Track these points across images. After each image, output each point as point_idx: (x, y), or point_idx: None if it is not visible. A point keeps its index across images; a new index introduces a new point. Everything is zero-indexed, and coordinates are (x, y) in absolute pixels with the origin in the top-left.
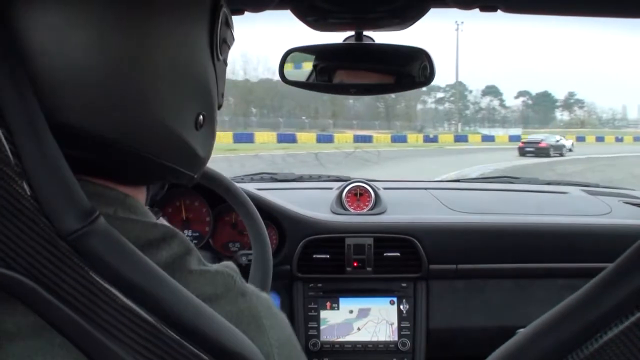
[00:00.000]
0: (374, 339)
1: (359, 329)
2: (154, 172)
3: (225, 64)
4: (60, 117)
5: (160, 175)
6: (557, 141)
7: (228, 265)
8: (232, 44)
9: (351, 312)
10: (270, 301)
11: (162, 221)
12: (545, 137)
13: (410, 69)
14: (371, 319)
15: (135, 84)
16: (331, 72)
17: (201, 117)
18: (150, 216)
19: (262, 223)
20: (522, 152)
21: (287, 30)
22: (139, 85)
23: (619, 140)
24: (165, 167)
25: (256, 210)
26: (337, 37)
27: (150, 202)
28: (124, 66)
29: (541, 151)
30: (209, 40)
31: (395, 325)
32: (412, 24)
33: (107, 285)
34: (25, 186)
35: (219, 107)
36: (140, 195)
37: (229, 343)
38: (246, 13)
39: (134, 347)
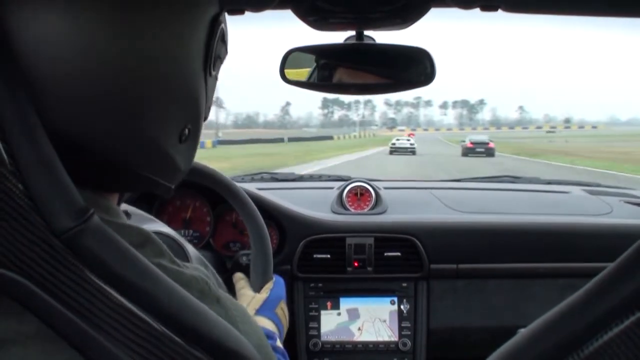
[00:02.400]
0: (375, 339)
1: (359, 329)
2: (131, 181)
3: (216, 78)
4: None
5: (137, 185)
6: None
7: (200, 270)
8: (225, 58)
9: (352, 312)
10: (243, 307)
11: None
12: (488, 138)
13: (411, 69)
14: (372, 319)
15: (122, 93)
16: (332, 69)
17: (187, 130)
18: (123, 218)
19: (263, 223)
20: (468, 152)
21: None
22: (126, 94)
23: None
24: (143, 177)
25: (257, 210)
26: (337, 37)
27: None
28: (112, 75)
29: (490, 151)
30: (204, 56)
31: (396, 325)
32: (412, 24)
33: (102, 284)
34: (20, 185)
35: (205, 119)
36: (111, 197)
37: (224, 340)
38: (246, 13)
39: (129, 346)
